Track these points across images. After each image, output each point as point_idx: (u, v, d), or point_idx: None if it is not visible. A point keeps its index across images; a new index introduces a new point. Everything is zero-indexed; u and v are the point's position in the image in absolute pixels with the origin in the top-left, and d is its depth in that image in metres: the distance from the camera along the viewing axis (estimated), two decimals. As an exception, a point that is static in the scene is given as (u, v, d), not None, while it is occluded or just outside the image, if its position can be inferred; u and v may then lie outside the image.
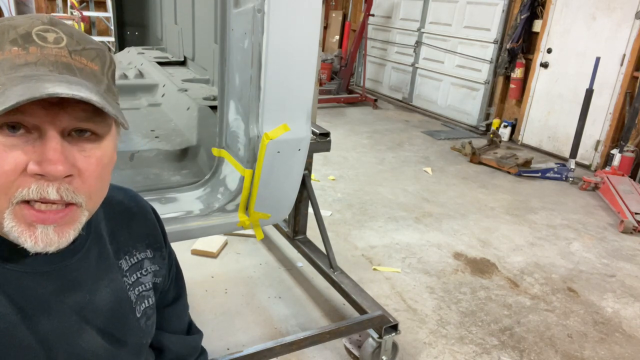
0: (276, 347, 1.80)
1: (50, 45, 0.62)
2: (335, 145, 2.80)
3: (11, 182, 0.60)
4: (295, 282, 2.67)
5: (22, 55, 0.60)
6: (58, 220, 0.63)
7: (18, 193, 0.60)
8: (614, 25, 4.78)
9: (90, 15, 7.59)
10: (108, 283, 0.78)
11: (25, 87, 0.56)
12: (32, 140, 0.60)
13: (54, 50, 0.62)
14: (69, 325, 0.71)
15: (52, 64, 0.61)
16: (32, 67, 0.60)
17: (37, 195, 0.60)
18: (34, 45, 0.61)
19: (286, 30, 1.53)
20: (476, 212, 3.76)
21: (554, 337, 2.37)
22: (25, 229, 0.62)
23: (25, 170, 0.60)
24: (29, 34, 0.61)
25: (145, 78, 2.91)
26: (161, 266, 0.90)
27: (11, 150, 0.59)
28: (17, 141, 0.60)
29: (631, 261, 3.18)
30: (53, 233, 0.63)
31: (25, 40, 0.61)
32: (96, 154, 0.65)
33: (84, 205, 0.65)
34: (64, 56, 0.62)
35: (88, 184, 0.65)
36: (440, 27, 6.69)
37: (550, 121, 5.46)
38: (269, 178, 1.69)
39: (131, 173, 1.91)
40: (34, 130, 0.60)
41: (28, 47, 0.61)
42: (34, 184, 0.60)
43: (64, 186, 0.62)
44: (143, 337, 0.85)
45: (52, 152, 0.60)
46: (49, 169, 0.59)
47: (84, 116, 0.62)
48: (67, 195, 0.62)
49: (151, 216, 0.91)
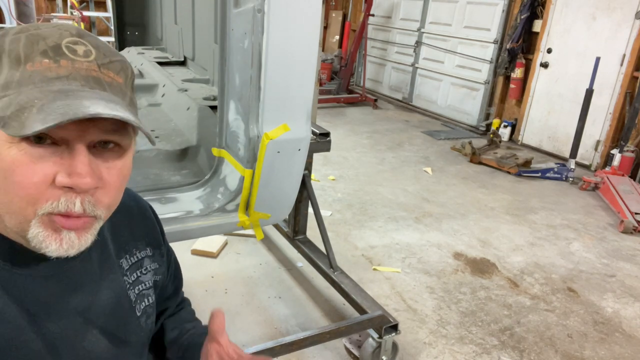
0: (276, 347, 1.80)
1: (80, 59, 0.62)
2: (335, 145, 2.80)
3: (40, 194, 0.60)
4: (295, 282, 2.67)
5: (54, 68, 0.60)
6: (79, 227, 0.64)
7: (47, 205, 0.61)
8: (614, 25, 4.78)
9: (90, 15, 7.59)
10: (109, 283, 0.78)
11: (65, 104, 0.57)
12: (60, 152, 0.61)
13: (84, 64, 0.62)
14: (73, 327, 0.72)
15: (83, 79, 0.61)
16: (64, 81, 0.60)
17: (64, 208, 0.61)
18: (65, 59, 0.61)
19: (286, 30, 1.53)
20: (476, 212, 3.76)
21: (554, 337, 2.37)
22: (51, 234, 0.63)
23: (53, 182, 0.60)
24: (59, 46, 0.61)
25: (145, 78, 2.91)
26: (160, 264, 0.91)
27: (39, 162, 0.59)
28: (45, 152, 0.60)
29: (631, 261, 3.18)
30: (75, 237, 0.64)
31: (56, 52, 0.61)
32: (118, 166, 0.66)
33: (103, 217, 0.67)
34: (94, 70, 0.63)
35: (109, 196, 0.66)
36: (440, 27, 6.69)
37: (550, 121, 5.46)
38: (269, 178, 1.69)
39: (131, 173, 1.91)
40: (61, 142, 0.61)
41: (59, 60, 0.61)
42: (62, 197, 0.61)
43: (87, 199, 0.63)
44: (144, 335, 0.85)
45: (82, 165, 0.60)
46: (78, 182, 0.60)
47: (111, 129, 0.63)
48: (88, 209, 0.63)
49: (150, 214, 0.92)
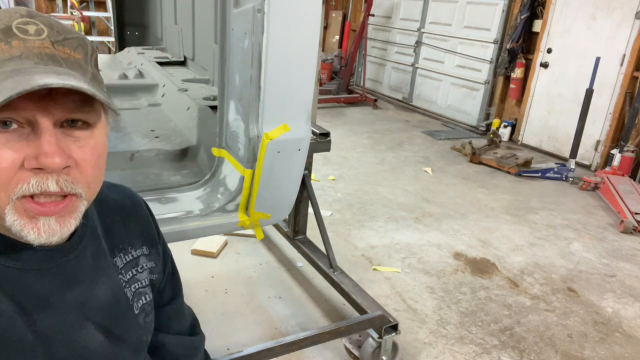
0: (276, 347, 1.80)
1: (32, 38, 0.62)
2: (335, 145, 2.80)
3: (10, 179, 0.60)
4: (295, 282, 2.67)
5: (6, 50, 0.60)
6: (59, 212, 0.64)
7: (18, 189, 0.61)
8: (614, 25, 4.78)
9: (90, 15, 7.59)
10: (105, 280, 0.78)
11: (15, 81, 0.56)
12: (26, 134, 0.61)
13: (36, 43, 0.62)
14: (68, 321, 0.71)
15: (36, 56, 0.61)
16: (17, 61, 0.60)
17: (37, 189, 0.61)
18: (16, 39, 0.61)
19: (286, 30, 1.53)
20: (476, 212, 3.76)
21: (554, 337, 2.37)
22: (27, 222, 0.62)
23: (22, 166, 0.60)
24: (9, 27, 0.61)
25: (145, 78, 2.91)
26: (157, 262, 0.90)
27: (6, 147, 0.59)
28: (11, 137, 0.60)
29: (631, 261, 3.18)
30: (55, 223, 0.64)
31: (6, 34, 0.61)
32: (90, 143, 0.65)
33: (84, 195, 0.66)
34: (47, 47, 0.62)
35: (86, 174, 0.65)
36: (440, 27, 6.69)
37: (550, 121, 5.46)
38: (269, 178, 1.68)
39: (131, 173, 1.91)
40: (26, 124, 0.61)
41: (10, 41, 0.61)
42: (33, 178, 0.61)
43: (62, 177, 0.62)
44: (143, 334, 0.84)
45: (48, 145, 0.60)
46: (46, 161, 0.60)
47: (74, 107, 0.62)
48: (66, 187, 0.63)
49: (145, 212, 0.91)
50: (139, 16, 3.92)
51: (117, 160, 1.90)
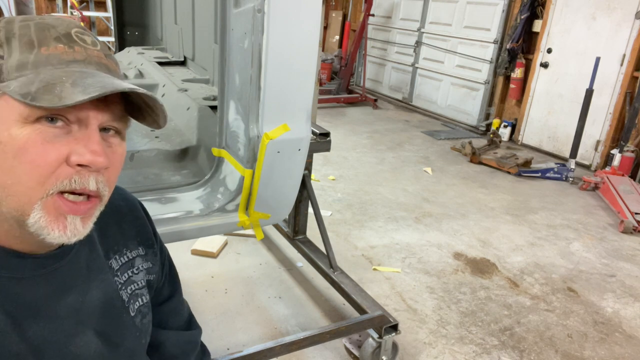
0: (276, 347, 1.80)
1: (90, 47, 0.66)
2: (335, 145, 2.80)
3: (51, 173, 0.61)
4: (295, 282, 2.67)
5: (70, 52, 0.64)
6: (87, 212, 0.65)
7: (59, 183, 0.62)
8: (614, 25, 4.78)
9: (90, 15, 7.59)
10: (99, 284, 0.77)
11: (97, 81, 0.61)
12: (74, 132, 0.63)
13: (94, 52, 0.67)
14: (61, 330, 0.70)
15: (96, 64, 0.66)
16: (81, 64, 0.64)
17: (79, 185, 0.63)
18: (77, 45, 0.65)
19: (286, 30, 1.53)
20: (476, 212, 3.76)
21: (554, 337, 2.37)
22: (54, 219, 0.63)
23: (65, 162, 0.62)
24: (70, 34, 0.65)
25: (145, 78, 2.91)
26: (154, 263, 0.90)
27: (54, 141, 0.61)
28: (60, 132, 0.62)
29: (631, 261, 3.18)
30: (80, 223, 0.65)
31: (69, 39, 0.65)
32: (119, 151, 0.69)
33: (105, 199, 0.68)
34: (103, 58, 0.67)
35: (112, 179, 0.68)
36: (440, 27, 6.69)
37: (550, 121, 5.46)
38: (269, 178, 1.68)
39: (131, 173, 1.91)
40: (74, 122, 0.63)
41: (73, 46, 0.65)
42: (75, 175, 0.62)
43: (100, 178, 0.65)
44: (140, 335, 0.84)
45: (97, 144, 0.63)
46: (94, 159, 0.62)
47: (118, 115, 0.67)
48: (102, 187, 0.66)
49: (140, 213, 0.90)
50: (139, 16, 3.92)
51: (117, 160, 1.90)
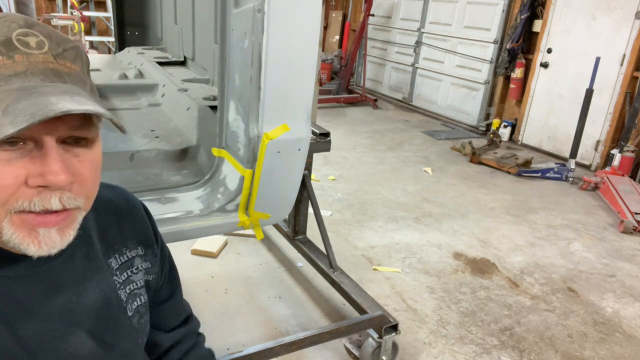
0: (276, 347, 1.79)
1: (34, 52, 0.60)
2: (335, 145, 2.80)
3: (10, 196, 0.59)
4: (295, 282, 2.67)
5: (9, 65, 0.58)
6: (60, 223, 0.63)
7: (19, 204, 0.60)
8: (614, 25, 4.78)
9: (90, 15, 7.59)
10: (96, 283, 0.76)
11: (31, 104, 0.55)
12: (29, 151, 0.59)
13: (40, 57, 0.60)
14: (54, 329, 0.70)
15: (41, 73, 0.60)
16: (22, 77, 0.58)
17: (39, 207, 0.60)
18: (19, 53, 0.59)
19: (286, 30, 1.53)
20: (476, 212, 3.76)
21: (554, 337, 2.37)
22: (26, 235, 0.61)
23: (24, 183, 0.59)
24: (10, 40, 0.59)
25: (145, 78, 2.91)
26: (153, 263, 0.89)
27: (9, 164, 0.58)
28: (14, 154, 0.59)
29: (631, 261, 3.18)
30: (56, 234, 0.63)
31: (8, 47, 0.59)
32: (89, 158, 0.65)
33: (82, 207, 0.66)
34: (51, 62, 0.61)
35: (85, 188, 0.65)
36: (440, 27, 6.69)
37: (550, 121, 5.46)
38: (269, 178, 1.68)
39: (131, 173, 1.91)
40: (29, 141, 0.59)
41: (13, 56, 0.59)
42: (35, 197, 0.60)
43: (65, 195, 0.62)
44: (137, 336, 0.83)
45: (55, 163, 0.59)
46: (53, 180, 0.59)
47: (77, 124, 0.62)
48: (69, 203, 0.62)
49: (142, 213, 0.89)
50: (139, 16, 3.92)
51: (117, 160, 1.90)
